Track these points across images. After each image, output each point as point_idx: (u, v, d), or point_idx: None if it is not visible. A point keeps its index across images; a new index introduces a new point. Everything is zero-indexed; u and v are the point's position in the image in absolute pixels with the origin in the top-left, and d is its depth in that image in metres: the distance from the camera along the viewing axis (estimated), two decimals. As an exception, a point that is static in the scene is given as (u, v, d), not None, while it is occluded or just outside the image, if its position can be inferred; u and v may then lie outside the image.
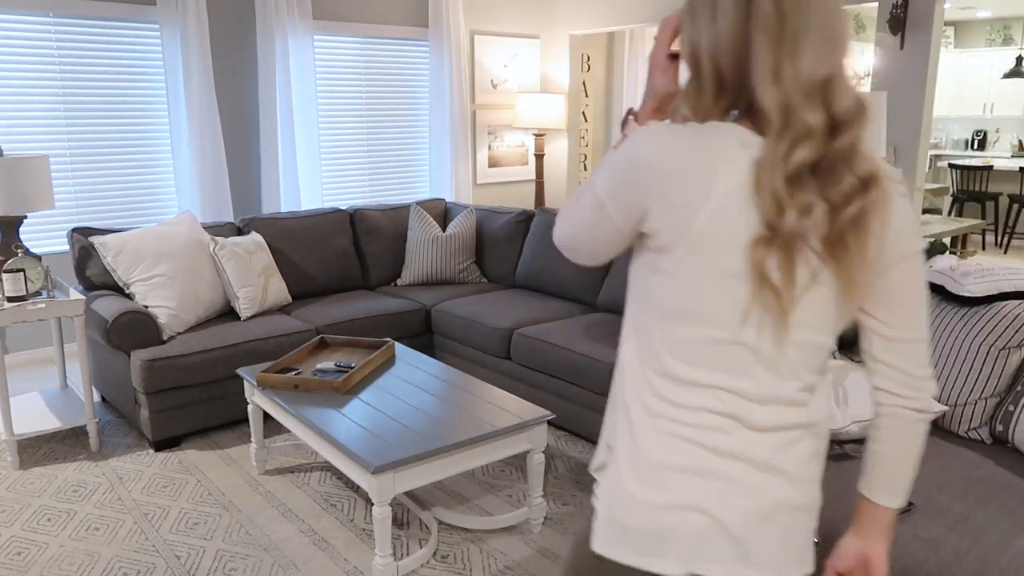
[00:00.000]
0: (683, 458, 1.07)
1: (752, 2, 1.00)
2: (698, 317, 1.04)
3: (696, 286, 1.03)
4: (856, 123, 1.02)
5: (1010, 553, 1.69)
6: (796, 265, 1.00)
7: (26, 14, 4.36)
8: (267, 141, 5.17)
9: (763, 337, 1.04)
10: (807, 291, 1.02)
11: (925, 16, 4.37)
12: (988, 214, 9.04)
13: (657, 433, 1.08)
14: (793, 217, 0.97)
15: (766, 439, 1.08)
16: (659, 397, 1.09)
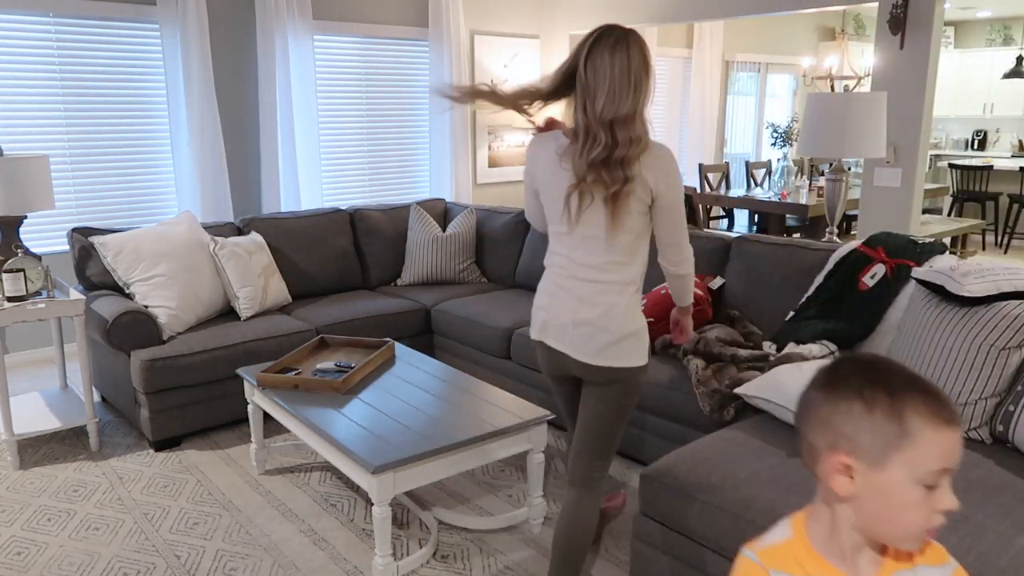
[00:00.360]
0: (546, 286, 2.16)
1: (578, 76, 1.99)
2: (551, 222, 2.13)
3: (548, 208, 2.12)
4: (628, 146, 1.94)
5: (1010, 553, 1.69)
6: (583, 200, 2.01)
7: (26, 14, 4.36)
8: (267, 141, 5.17)
9: (571, 232, 2.07)
10: (585, 212, 2.02)
11: (925, 16, 4.37)
12: (988, 214, 9.04)
13: (544, 276, 2.18)
14: (587, 181, 1.98)
15: (585, 285, 2.07)
16: (547, 259, 2.18)
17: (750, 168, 7.89)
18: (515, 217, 4.67)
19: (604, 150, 1.92)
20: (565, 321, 2.07)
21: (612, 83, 1.91)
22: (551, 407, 3.58)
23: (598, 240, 2.03)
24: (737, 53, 8.61)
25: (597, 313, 2.03)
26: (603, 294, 2.04)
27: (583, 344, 2.05)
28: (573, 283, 2.07)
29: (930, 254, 2.87)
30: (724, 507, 2.00)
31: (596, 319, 2.03)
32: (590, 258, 2.05)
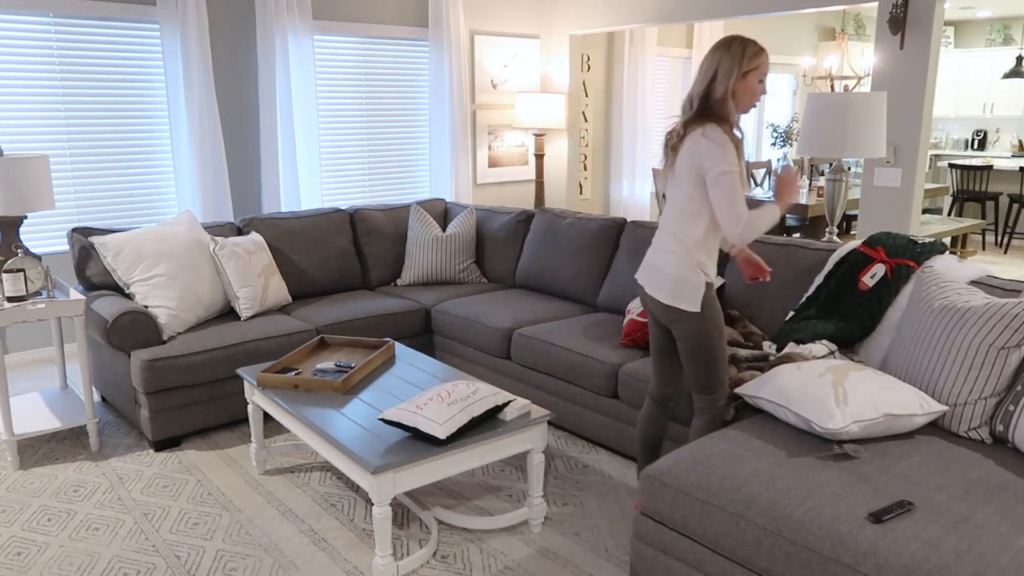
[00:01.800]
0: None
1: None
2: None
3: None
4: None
5: (1010, 553, 1.69)
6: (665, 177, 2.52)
7: (26, 14, 4.36)
8: (267, 141, 5.17)
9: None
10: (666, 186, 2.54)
11: (925, 16, 4.37)
12: (988, 214, 9.04)
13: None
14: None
15: (662, 235, 2.53)
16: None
17: (750, 168, 7.89)
18: (515, 217, 4.67)
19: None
20: (646, 262, 2.67)
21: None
22: (551, 407, 3.58)
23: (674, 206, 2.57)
24: (737, 53, 8.58)
25: (662, 259, 2.53)
26: (671, 244, 2.53)
27: (652, 278, 2.57)
28: (658, 235, 2.66)
29: (930, 254, 2.87)
30: (724, 507, 2.00)
31: (661, 264, 2.52)
32: (667, 217, 2.61)
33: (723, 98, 2.36)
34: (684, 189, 2.43)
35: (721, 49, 2.37)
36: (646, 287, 2.56)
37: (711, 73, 2.37)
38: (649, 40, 7.42)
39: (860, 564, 1.73)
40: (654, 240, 2.60)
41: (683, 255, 2.45)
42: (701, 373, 2.54)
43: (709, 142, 2.32)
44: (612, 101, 7.53)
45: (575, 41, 6.63)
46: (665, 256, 2.49)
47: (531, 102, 6.21)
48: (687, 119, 2.43)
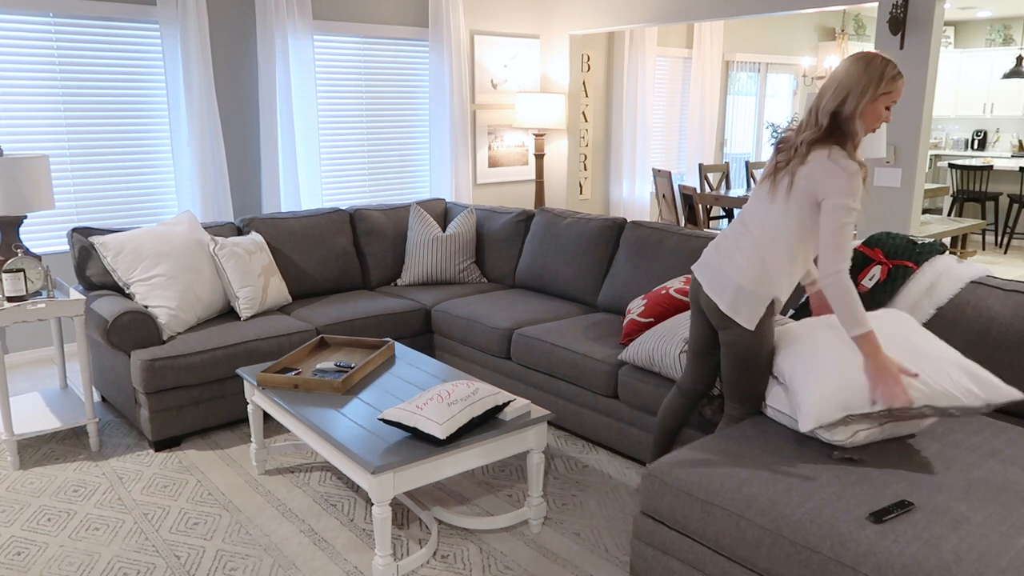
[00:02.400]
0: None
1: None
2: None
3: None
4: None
5: (1010, 553, 1.69)
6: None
7: (26, 14, 4.36)
8: (267, 141, 5.17)
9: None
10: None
11: (925, 16, 4.37)
12: (988, 214, 9.04)
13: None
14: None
15: (743, 241, 2.40)
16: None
17: (750, 168, 7.89)
18: (515, 217, 4.67)
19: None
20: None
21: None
22: (551, 407, 3.58)
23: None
24: (737, 53, 8.61)
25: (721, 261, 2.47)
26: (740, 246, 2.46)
27: (705, 277, 2.52)
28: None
29: (929, 254, 2.87)
30: (724, 507, 2.00)
31: (722, 267, 2.45)
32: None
33: (851, 117, 2.19)
34: (791, 209, 2.27)
35: (860, 65, 2.20)
36: (705, 287, 2.45)
37: (845, 90, 2.19)
38: (649, 40, 7.42)
39: (860, 564, 1.73)
40: (726, 242, 2.44)
41: (761, 272, 2.33)
42: (741, 383, 2.46)
43: (837, 168, 2.16)
44: (612, 101, 7.53)
45: (575, 41, 6.63)
46: (741, 264, 2.36)
47: (531, 102, 6.21)
48: (813, 137, 2.22)
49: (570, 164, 6.83)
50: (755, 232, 2.37)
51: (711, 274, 2.45)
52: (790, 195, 2.26)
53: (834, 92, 2.21)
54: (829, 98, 2.22)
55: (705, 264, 2.50)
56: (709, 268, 2.46)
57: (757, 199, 2.40)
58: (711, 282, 2.43)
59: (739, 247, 2.40)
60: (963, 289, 2.73)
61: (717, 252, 2.47)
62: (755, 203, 2.41)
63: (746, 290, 2.34)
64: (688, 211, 6.68)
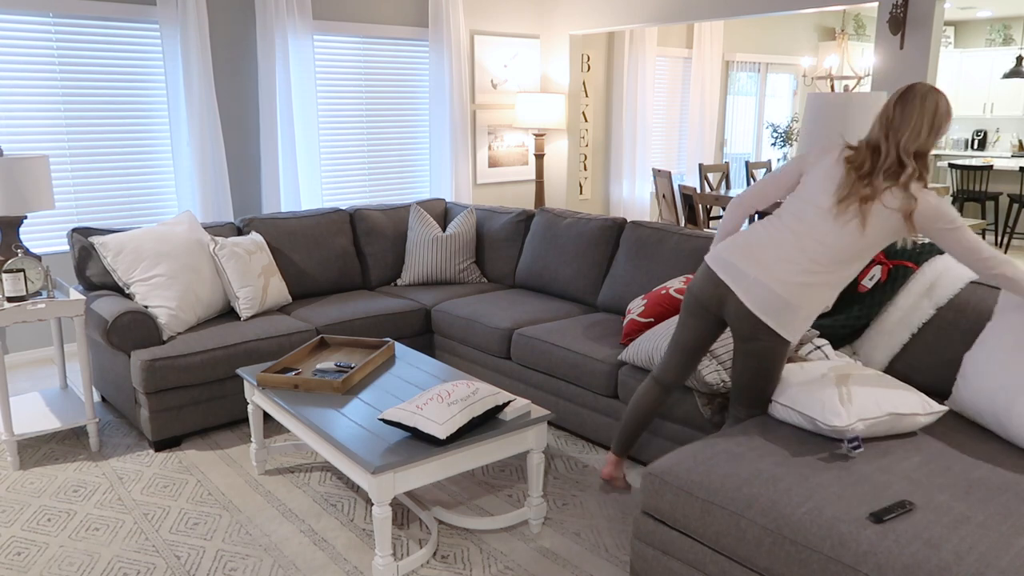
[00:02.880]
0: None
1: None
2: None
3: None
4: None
5: (1011, 554, 1.69)
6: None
7: (26, 14, 4.36)
8: (267, 141, 5.17)
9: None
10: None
11: (925, 16, 4.37)
12: (988, 214, 9.04)
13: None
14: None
15: (803, 259, 2.32)
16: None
17: (750, 168, 7.89)
18: (515, 217, 4.67)
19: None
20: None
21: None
22: (551, 407, 3.58)
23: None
24: (737, 53, 8.61)
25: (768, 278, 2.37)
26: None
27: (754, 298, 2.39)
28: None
29: (929, 255, 2.87)
30: (724, 507, 2.00)
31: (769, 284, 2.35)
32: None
33: (926, 153, 2.25)
34: (868, 238, 2.24)
35: (936, 101, 2.23)
36: (741, 295, 2.33)
37: (927, 129, 2.22)
38: (649, 40, 7.42)
39: (860, 564, 1.73)
40: (765, 252, 2.34)
41: (820, 295, 2.31)
42: (756, 389, 2.46)
43: (934, 209, 2.20)
44: (612, 101, 7.53)
45: (575, 41, 6.64)
46: (793, 281, 2.28)
47: (531, 102, 6.21)
48: (906, 174, 2.21)
49: (570, 164, 6.84)
50: (819, 255, 2.28)
51: (748, 284, 2.33)
52: (884, 228, 2.24)
53: (913, 131, 2.21)
54: (909, 136, 2.21)
55: (736, 271, 2.37)
56: (745, 278, 2.34)
57: (822, 218, 2.28)
58: (750, 293, 2.33)
59: (787, 262, 2.30)
60: (963, 289, 2.73)
61: (755, 262, 2.34)
62: (819, 221, 2.29)
63: (796, 307, 2.29)
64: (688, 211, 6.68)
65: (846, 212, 2.24)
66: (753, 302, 2.32)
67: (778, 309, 2.30)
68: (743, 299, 2.33)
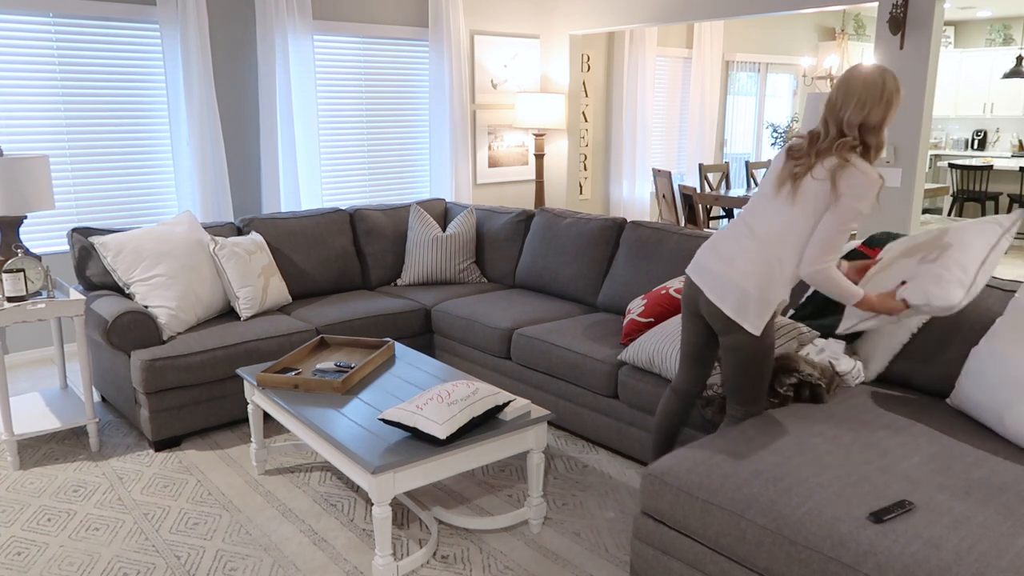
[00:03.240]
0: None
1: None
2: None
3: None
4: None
5: (1011, 553, 1.69)
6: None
7: (26, 14, 4.36)
8: (267, 141, 5.17)
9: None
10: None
11: (925, 16, 4.37)
12: (988, 214, 9.04)
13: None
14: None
15: (748, 244, 2.41)
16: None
17: (750, 168, 7.89)
18: (515, 217, 4.67)
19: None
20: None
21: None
22: (551, 407, 3.58)
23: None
24: (737, 53, 8.61)
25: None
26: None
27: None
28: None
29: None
30: (724, 507, 2.00)
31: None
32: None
33: (877, 128, 2.26)
34: (807, 213, 2.29)
35: (879, 78, 2.24)
36: (707, 292, 2.42)
37: (870, 103, 2.23)
38: (649, 40, 7.42)
39: (860, 564, 1.73)
40: (727, 246, 2.43)
41: (769, 277, 2.34)
42: (744, 386, 2.47)
43: (861, 173, 2.21)
44: (612, 101, 7.53)
45: (575, 41, 6.64)
46: (746, 270, 2.35)
47: (531, 102, 6.21)
48: (839, 145, 2.25)
49: (570, 164, 6.84)
50: (763, 237, 2.36)
51: (712, 280, 2.42)
52: (812, 200, 2.27)
53: (857, 104, 2.23)
54: (852, 110, 2.24)
55: (704, 269, 2.46)
56: (709, 274, 2.43)
57: (766, 204, 2.39)
58: (713, 287, 2.40)
59: (743, 252, 2.38)
60: (963, 289, 2.73)
61: (718, 258, 2.43)
62: (763, 208, 2.40)
63: (752, 295, 2.33)
64: (688, 211, 6.68)
65: (783, 191, 2.35)
66: (717, 296, 2.39)
67: (737, 300, 2.35)
68: (709, 295, 2.42)
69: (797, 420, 2.40)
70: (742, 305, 2.34)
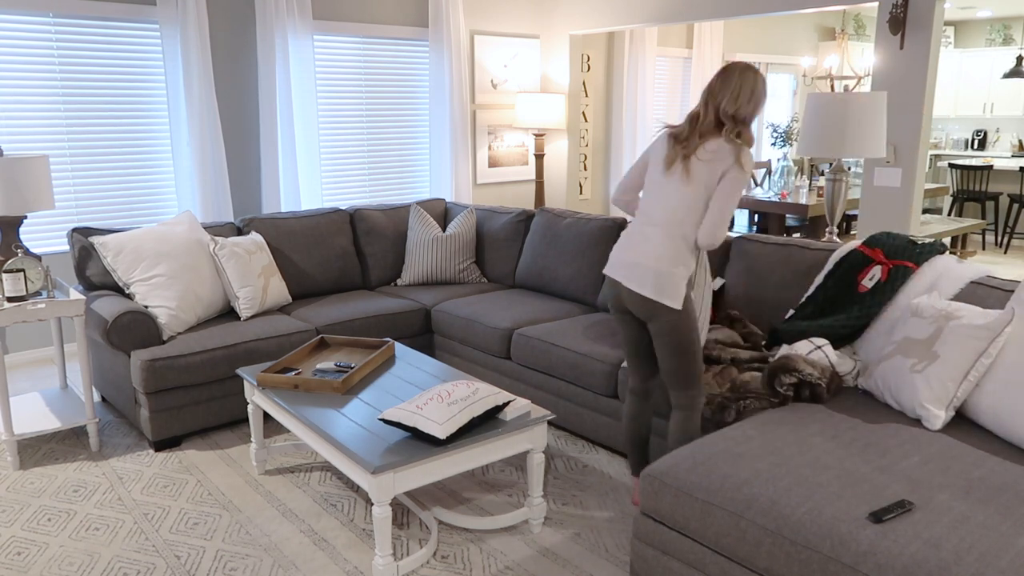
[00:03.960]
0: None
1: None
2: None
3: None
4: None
5: (1011, 553, 1.69)
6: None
7: (26, 14, 4.36)
8: (267, 141, 5.17)
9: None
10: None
11: (925, 16, 4.37)
12: (988, 214, 9.04)
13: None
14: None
15: (651, 230, 2.63)
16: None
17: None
18: (515, 217, 4.67)
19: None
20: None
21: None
22: (551, 407, 3.58)
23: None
24: (737, 53, 8.61)
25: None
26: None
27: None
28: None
29: (929, 254, 2.87)
30: (724, 507, 2.00)
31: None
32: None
33: (748, 120, 2.58)
34: (700, 190, 2.53)
35: (753, 75, 2.56)
36: (626, 283, 2.60)
37: (745, 96, 2.55)
38: (649, 40, 7.42)
39: (860, 564, 1.73)
40: (631, 240, 2.65)
41: (676, 252, 2.56)
42: (679, 368, 2.63)
43: (745, 149, 2.53)
44: (612, 101, 7.53)
45: (575, 41, 6.63)
46: (655, 252, 2.56)
47: (531, 102, 6.21)
48: (721, 129, 2.54)
49: (570, 164, 6.83)
50: (663, 220, 2.58)
51: (629, 271, 2.60)
52: (703, 177, 2.52)
53: (731, 96, 2.53)
54: (728, 100, 2.53)
55: (619, 264, 2.64)
56: (625, 267, 2.61)
57: (658, 190, 2.61)
58: (631, 278, 2.58)
59: (648, 239, 2.59)
60: (963, 289, 2.73)
61: (629, 252, 2.62)
62: (657, 194, 2.62)
63: (666, 272, 2.53)
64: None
65: (673, 172, 2.57)
66: (637, 284, 2.57)
67: (654, 282, 2.54)
68: (630, 286, 2.59)
69: (797, 420, 2.40)
70: (660, 285, 2.53)
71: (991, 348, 2.34)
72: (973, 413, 2.39)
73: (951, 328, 2.42)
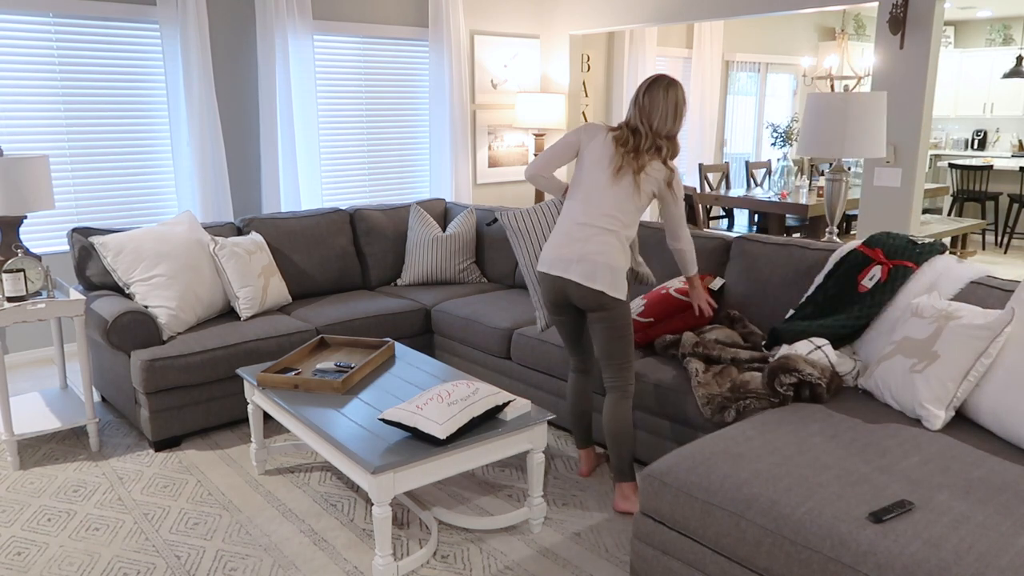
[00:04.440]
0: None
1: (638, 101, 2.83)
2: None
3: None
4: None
5: (1011, 553, 1.69)
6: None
7: (26, 14, 4.36)
8: (267, 141, 5.17)
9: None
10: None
11: (925, 16, 4.37)
12: (988, 214, 9.04)
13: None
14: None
15: (592, 230, 2.81)
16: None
17: (750, 168, 7.89)
18: (515, 217, 4.67)
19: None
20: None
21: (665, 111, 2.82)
22: (551, 407, 3.58)
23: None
24: (737, 53, 8.61)
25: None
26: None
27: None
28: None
29: (929, 254, 2.87)
30: (724, 507, 2.00)
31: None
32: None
33: (676, 135, 2.85)
34: (642, 198, 2.80)
35: (682, 93, 2.82)
36: (576, 278, 2.74)
37: (680, 114, 2.82)
38: (649, 40, 7.42)
39: (860, 564, 1.73)
40: (575, 233, 2.79)
41: (622, 250, 2.79)
42: (619, 352, 2.83)
43: (676, 169, 2.86)
44: (612, 101, 7.53)
45: (575, 41, 6.63)
46: (604, 251, 2.74)
47: (531, 102, 6.21)
48: (661, 147, 2.79)
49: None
50: (604, 222, 2.76)
51: (578, 267, 2.75)
52: (649, 188, 2.78)
53: (660, 116, 2.76)
54: (660, 123, 2.77)
55: (564, 262, 2.78)
56: (572, 263, 2.76)
57: (603, 191, 2.78)
58: (581, 273, 2.74)
59: (589, 238, 2.76)
60: (963, 289, 2.73)
61: (565, 247, 2.78)
62: (604, 195, 2.79)
63: (617, 268, 2.74)
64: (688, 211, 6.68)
65: (622, 180, 2.77)
66: (588, 279, 2.73)
67: (604, 276, 2.73)
68: (579, 281, 2.74)
69: (797, 420, 2.40)
70: (613, 280, 2.74)
71: (991, 348, 2.34)
72: (973, 413, 2.39)
73: (951, 328, 2.42)
